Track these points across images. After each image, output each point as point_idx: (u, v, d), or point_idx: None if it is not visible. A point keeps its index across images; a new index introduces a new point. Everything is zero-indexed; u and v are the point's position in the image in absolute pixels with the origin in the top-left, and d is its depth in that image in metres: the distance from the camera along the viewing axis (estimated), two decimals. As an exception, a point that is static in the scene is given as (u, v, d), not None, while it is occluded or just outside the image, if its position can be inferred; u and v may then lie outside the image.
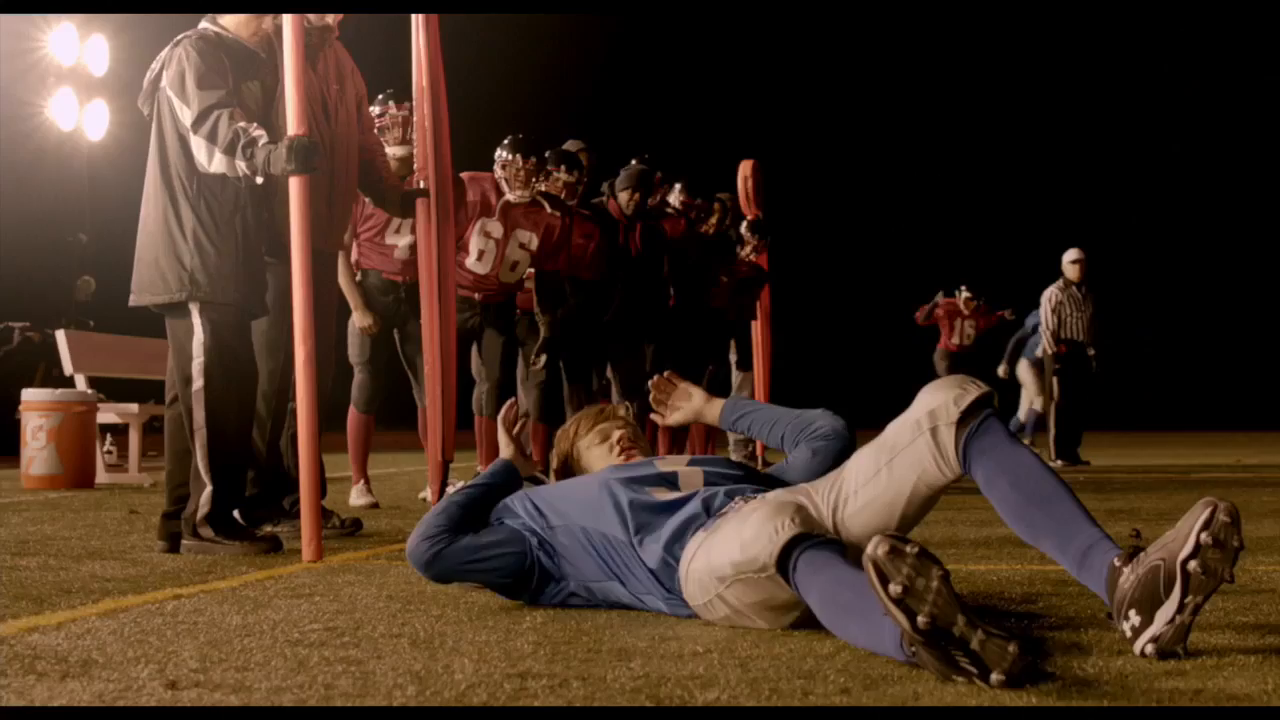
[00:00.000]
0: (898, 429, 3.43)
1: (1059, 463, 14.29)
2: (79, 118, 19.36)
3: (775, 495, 3.59)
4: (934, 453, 3.36)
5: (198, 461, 5.48)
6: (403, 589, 4.32)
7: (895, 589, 2.62)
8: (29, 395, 10.50)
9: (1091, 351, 14.57)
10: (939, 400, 3.37)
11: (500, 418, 4.18)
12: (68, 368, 11.19)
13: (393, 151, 8.08)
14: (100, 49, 19.32)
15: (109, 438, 11.06)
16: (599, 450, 4.09)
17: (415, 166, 6.70)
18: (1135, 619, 2.92)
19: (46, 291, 17.72)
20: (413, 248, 7.85)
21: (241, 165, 5.32)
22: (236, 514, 6.15)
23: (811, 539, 3.16)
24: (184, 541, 5.52)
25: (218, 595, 4.21)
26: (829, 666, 2.90)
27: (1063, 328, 14.59)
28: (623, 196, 10.01)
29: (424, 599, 4.08)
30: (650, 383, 4.23)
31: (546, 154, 9.21)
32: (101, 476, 10.77)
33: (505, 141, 8.80)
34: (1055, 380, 14.63)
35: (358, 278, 8.52)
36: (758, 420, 4.06)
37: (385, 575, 4.70)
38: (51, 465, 10.22)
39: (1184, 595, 2.85)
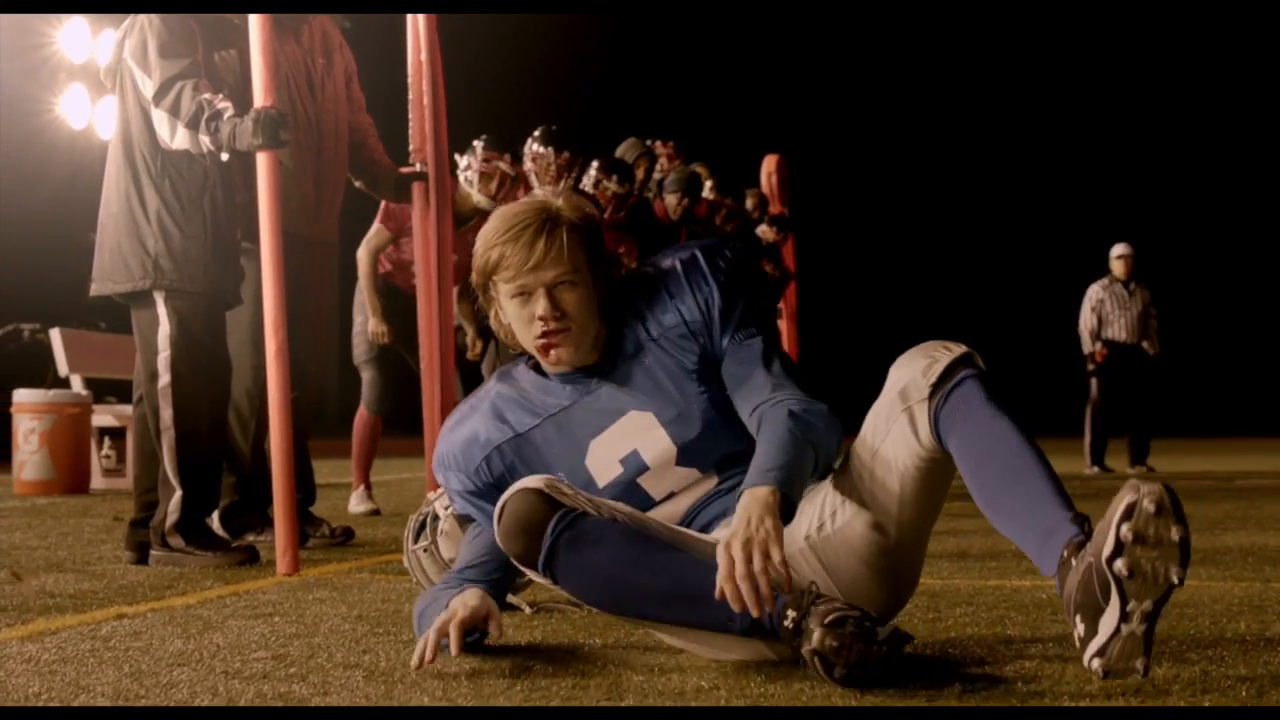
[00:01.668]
0: (875, 416, 2.90)
1: (1094, 469, 13.77)
2: (91, 115, 18.92)
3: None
4: (913, 435, 2.83)
5: (165, 465, 5.01)
6: (376, 608, 3.85)
7: (840, 672, 2.55)
8: (20, 397, 10.06)
9: (1152, 351, 14.01)
10: (908, 375, 2.85)
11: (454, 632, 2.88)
12: (62, 368, 10.76)
13: (479, 200, 7.66)
14: (112, 45, 18.84)
15: (107, 441, 10.59)
16: (515, 311, 3.06)
17: (412, 147, 6.23)
18: (1080, 626, 2.46)
19: (57, 292, 17.32)
20: None
21: (205, 140, 4.85)
22: (217, 522, 5.73)
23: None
24: (152, 552, 5.06)
25: (166, 615, 3.74)
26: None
27: (1104, 327, 14.04)
28: (670, 200, 9.55)
29: (398, 620, 3.61)
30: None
31: (598, 161, 8.77)
32: (97, 481, 10.33)
33: (536, 133, 8.30)
34: (1093, 383, 14.07)
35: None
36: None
37: (362, 592, 4.23)
38: (44, 470, 9.78)
39: (1124, 602, 2.40)
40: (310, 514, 6.08)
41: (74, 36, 18.36)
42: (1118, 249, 14.23)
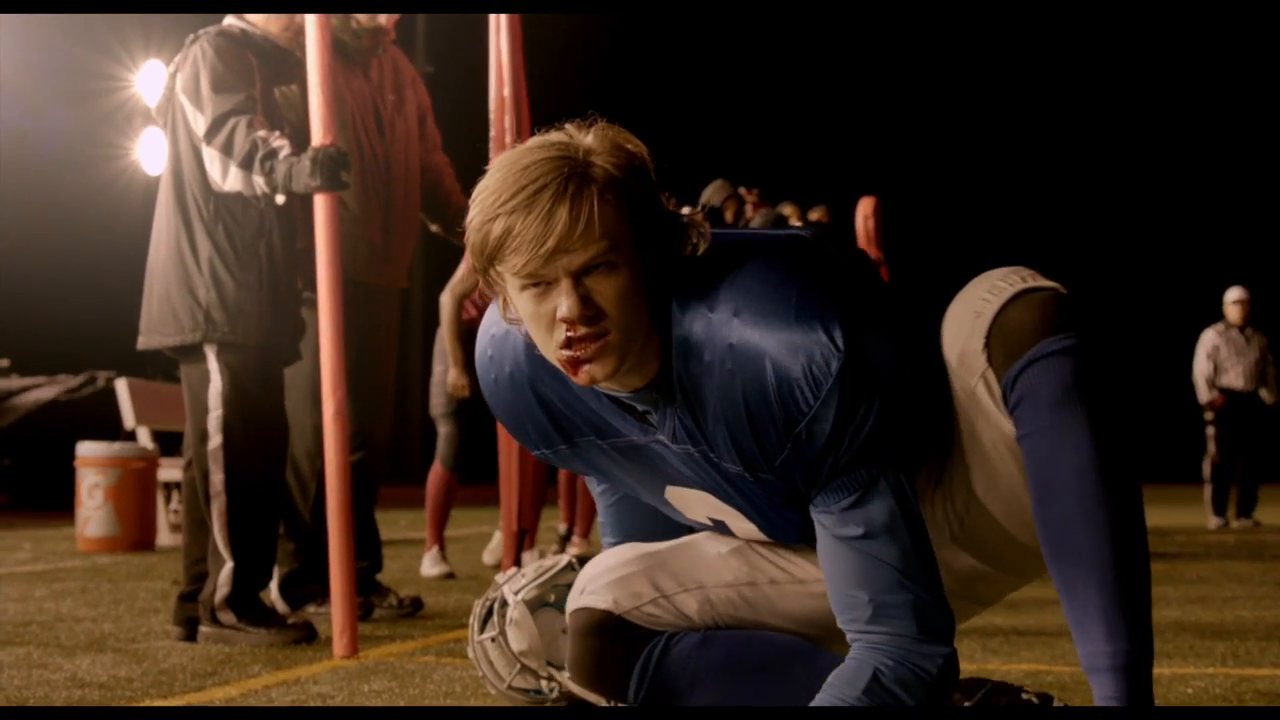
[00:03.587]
0: (955, 379, 2.29)
1: (1220, 521, 13.23)
2: (168, 160, 18.78)
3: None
4: (997, 409, 2.24)
5: (215, 534, 4.61)
6: (438, 704, 3.41)
7: None
8: (84, 450, 9.72)
9: (1271, 399, 13.47)
10: (962, 336, 2.25)
11: None
12: (128, 421, 10.43)
13: None
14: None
15: (175, 496, 10.22)
16: (530, 307, 2.15)
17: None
18: None
19: (133, 340, 17.08)
20: None
21: (259, 181, 4.45)
22: (275, 592, 5.33)
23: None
24: (201, 628, 4.65)
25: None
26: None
27: (1220, 374, 13.50)
28: None
29: (462, 722, 3.17)
30: None
31: (689, 209, 8.40)
32: (164, 538, 9.96)
33: None
34: (1210, 434, 13.54)
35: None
36: None
37: (426, 680, 3.79)
38: (108, 526, 9.42)
39: None
40: (376, 583, 5.66)
41: (150, 79, 18.19)
42: (1233, 293, 13.74)
